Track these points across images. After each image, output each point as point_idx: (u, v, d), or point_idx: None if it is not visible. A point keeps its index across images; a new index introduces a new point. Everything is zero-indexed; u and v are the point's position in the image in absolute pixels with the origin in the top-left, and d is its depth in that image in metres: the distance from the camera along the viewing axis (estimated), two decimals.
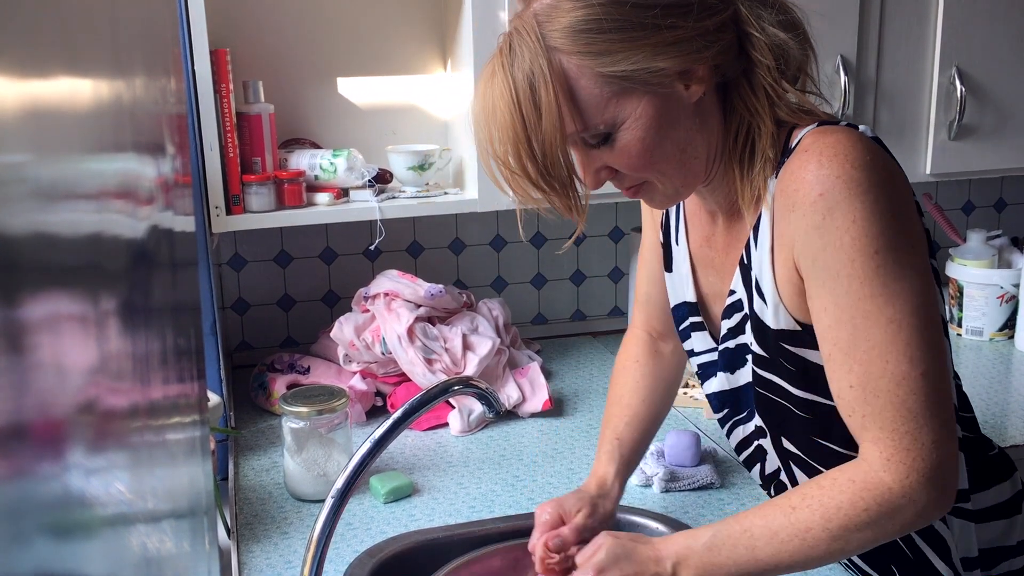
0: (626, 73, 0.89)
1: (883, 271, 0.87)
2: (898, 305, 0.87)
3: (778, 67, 0.94)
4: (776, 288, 0.96)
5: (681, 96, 0.93)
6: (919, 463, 0.88)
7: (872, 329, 0.88)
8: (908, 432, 0.88)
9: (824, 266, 0.89)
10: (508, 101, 0.90)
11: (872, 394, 0.89)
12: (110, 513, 0.38)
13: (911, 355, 0.87)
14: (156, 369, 0.52)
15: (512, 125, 0.91)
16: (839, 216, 0.87)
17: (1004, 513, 1.08)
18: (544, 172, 0.92)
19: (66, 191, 0.33)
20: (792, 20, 0.97)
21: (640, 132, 0.92)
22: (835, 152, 0.88)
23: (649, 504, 1.43)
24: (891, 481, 0.88)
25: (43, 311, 0.29)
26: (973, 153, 1.98)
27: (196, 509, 0.70)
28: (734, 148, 0.97)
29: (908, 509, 0.89)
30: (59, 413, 0.30)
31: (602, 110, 0.91)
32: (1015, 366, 2.00)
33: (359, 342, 1.76)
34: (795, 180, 0.90)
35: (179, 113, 0.77)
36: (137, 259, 0.48)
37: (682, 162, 0.96)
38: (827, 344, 0.92)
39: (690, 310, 1.15)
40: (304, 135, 1.96)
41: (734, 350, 1.06)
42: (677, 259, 1.15)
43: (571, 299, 2.25)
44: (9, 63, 0.26)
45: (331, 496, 1.06)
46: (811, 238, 0.89)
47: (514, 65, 0.91)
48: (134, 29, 0.52)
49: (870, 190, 0.87)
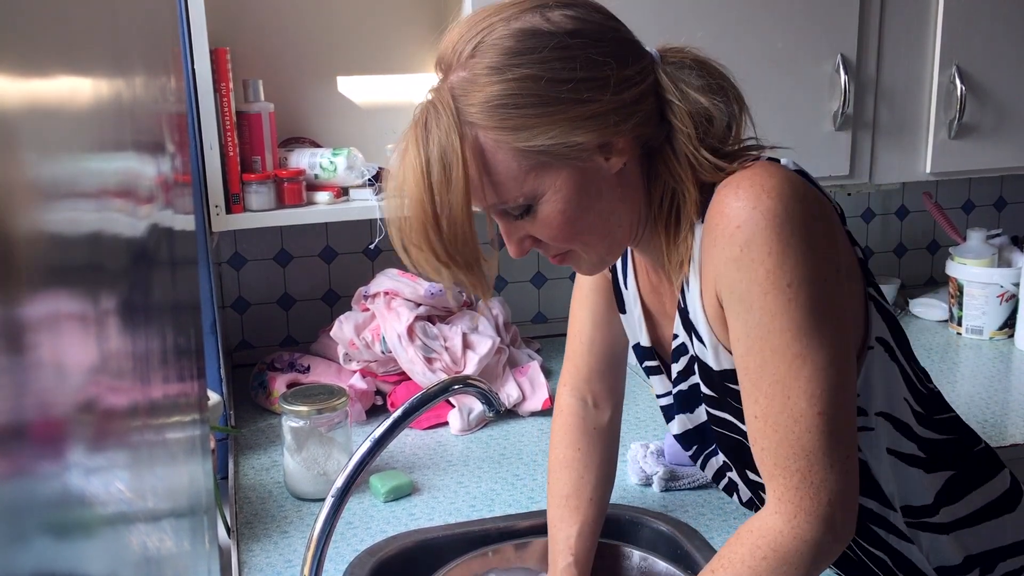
0: (543, 148, 0.89)
1: (794, 305, 0.86)
2: (805, 342, 0.87)
3: (699, 133, 0.93)
4: (710, 328, 0.96)
5: (601, 167, 0.92)
6: (806, 502, 0.88)
7: (778, 363, 0.88)
8: (798, 470, 0.88)
9: (739, 297, 0.89)
10: (419, 176, 0.89)
11: (771, 428, 0.89)
12: (110, 512, 0.38)
13: (811, 392, 0.87)
14: (156, 368, 0.52)
15: (420, 201, 0.89)
16: (755, 248, 0.87)
17: (993, 514, 1.07)
18: (450, 249, 0.91)
19: (66, 190, 0.33)
20: (714, 78, 0.96)
21: (560, 204, 0.92)
22: (751, 183, 0.88)
23: (649, 503, 1.43)
24: (781, 524, 0.89)
25: (43, 310, 0.29)
26: (973, 152, 1.98)
27: (196, 508, 0.70)
28: (659, 213, 0.97)
29: (801, 550, 0.88)
30: (59, 412, 0.30)
31: (520, 184, 0.91)
32: (1015, 365, 2.00)
33: (359, 341, 1.76)
34: (714, 215, 0.90)
35: (179, 112, 0.77)
36: (137, 258, 0.48)
37: (605, 232, 0.96)
38: (740, 372, 0.92)
39: (645, 354, 1.15)
40: (304, 134, 1.96)
41: (687, 392, 1.06)
42: (628, 302, 1.15)
43: (570, 298, 2.25)
44: (9, 62, 0.26)
45: (331, 495, 1.06)
46: (729, 270, 0.89)
47: (428, 140, 0.89)
48: (134, 28, 0.52)
49: (787, 222, 0.86)
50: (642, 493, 1.47)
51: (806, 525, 0.88)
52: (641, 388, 1.88)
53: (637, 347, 1.16)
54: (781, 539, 0.88)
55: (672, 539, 1.33)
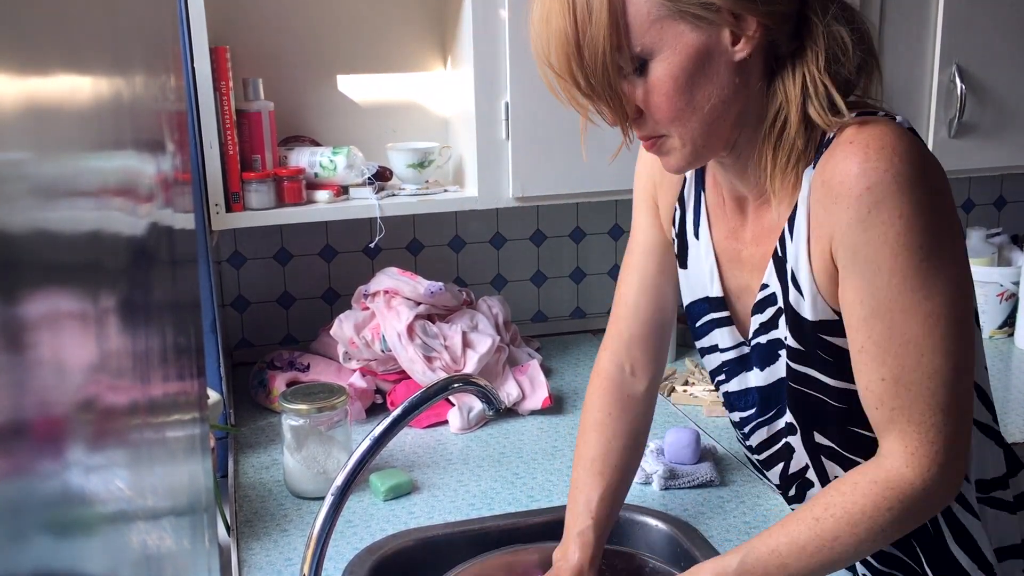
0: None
1: (925, 266, 0.88)
2: (937, 300, 0.88)
3: (828, 60, 0.93)
4: (813, 279, 0.96)
5: (725, 47, 0.92)
6: (940, 456, 0.90)
7: (910, 323, 0.89)
8: (934, 425, 0.90)
9: (866, 259, 0.89)
10: (563, 6, 0.91)
11: (904, 387, 0.90)
12: (110, 510, 0.38)
13: (946, 349, 0.89)
14: (156, 367, 0.52)
15: (564, 31, 0.91)
16: (885, 210, 0.87)
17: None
18: (592, 80, 0.92)
19: (66, 188, 0.33)
20: (859, 27, 0.96)
21: (675, 68, 0.91)
22: (881, 145, 0.88)
23: (649, 502, 1.43)
24: (913, 476, 0.91)
25: (43, 309, 0.29)
26: (973, 151, 1.98)
27: (196, 506, 0.70)
28: (770, 129, 0.96)
29: (928, 502, 0.92)
30: (59, 411, 0.30)
31: (644, 31, 0.91)
32: (1015, 364, 2.00)
33: (359, 340, 1.76)
34: (839, 172, 0.90)
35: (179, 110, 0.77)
36: (137, 257, 0.48)
37: (708, 118, 0.94)
38: (860, 335, 0.92)
39: (713, 306, 1.12)
40: (304, 132, 1.96)
41: (766, 345, 1.05)
42: (696, 254, 1.13)
43: (571, 297, 2.26)
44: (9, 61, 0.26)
45: (331, 493, 1.06)
46: (854, 231, 0.89)
47: None
48: (134, 27, 0.52)
49: (917, 185, 0.87)
50: (642, 492, 1.47)
51: (936, 477, 0.91)
52: None
53: (701, 303, 1.14)
54: (911, 490, 0.91)
55: (672, 538, 1.33)
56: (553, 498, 1.46)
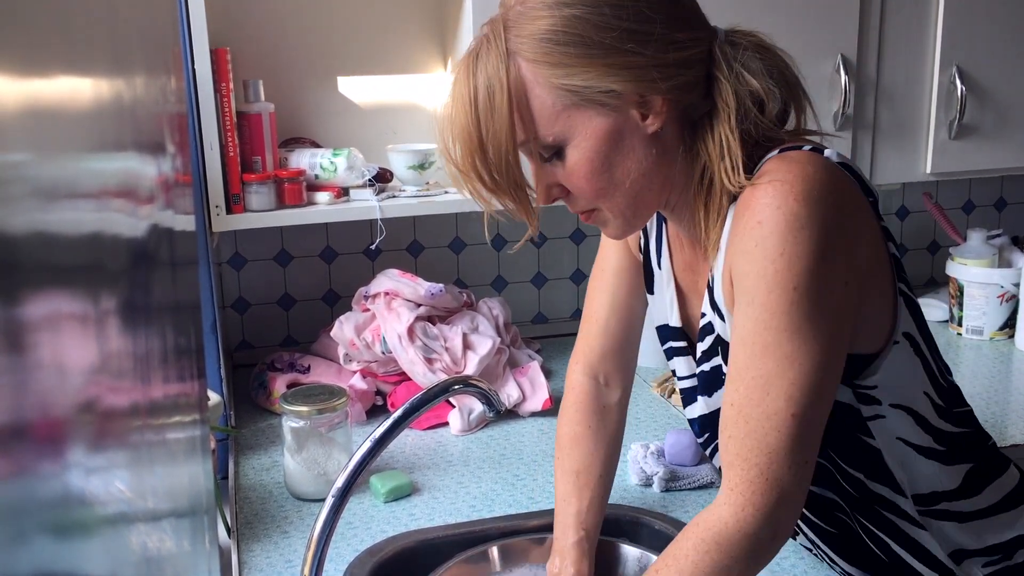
0: (579, 88, 0.91)
1: (795, 309, 0.88)
2: (796, 344, 0.88)
3: (739, 115, 0.94)
4: (727, 306, 0.98)
5: (636, 125, 0.94)
6: (756, 498, 0.89)
7: (766, 359, 0.89)
8: (757, 465, 0.89)
9: (744, 289, 0.91)
10: (466, 104, 0.93)
11: (743, 419, 0.90)
12: (110, 512, 0.38)
13: (790, 394, 0.89)
14: (156, 368, 0.52)
15: (467, 127, 0.94)
16: (769, 246, 0.88)
17: (1009, 505, 1.09)
18: (495, 175, 0.95)
19: (66, 190, 0.33)
20: (775, 66, 0.98)
21: (589, 152, 0.94)
22: (782, 181, 0.89)
23: (649, 503, 1.43)
24: (728, 515, 0.90)
25: (43, 310, 0.29)
26: (973, 152, 1.98)
27: (196, 508, 0.70)
28: (699, 187, 0.98)
29: (742, 544, 0.90)
30: (59, 412, 0.30)
31: (553, 122, 0.93)
32: (1015, 365, 2.00)
33: (359, 341, 1.76)
34: (743, 204, 0.92)
35: (179, 112, 0.77)
36: (137, 258, 0.48)
37: (631, 193, 0.97)
38: (729, 360, 0.94)
39: (673, 334, 1.15)
40: (304, 134, 1.96)
41: (710, 372, 1.07)
42: (660, 282, 1.16)
43: (571, 298, 2.25)
44: (9, 62, 0.26)
45: (331, 495, 1.06)
46: (742, 260, 0.91)
47: (477, 68, 0.93)
48: (134, 28, 0.52)
49: (805, 227, 0.87)
50: (642, 493, 1.47)
51: (751, 519, 0.90)
52: (642, 388, 1.88)
53: (664, 328, 1.16)
54: (726, 531, 0.90)
55: (672, 539, 1.33)
56: (553, 500, 1.45)
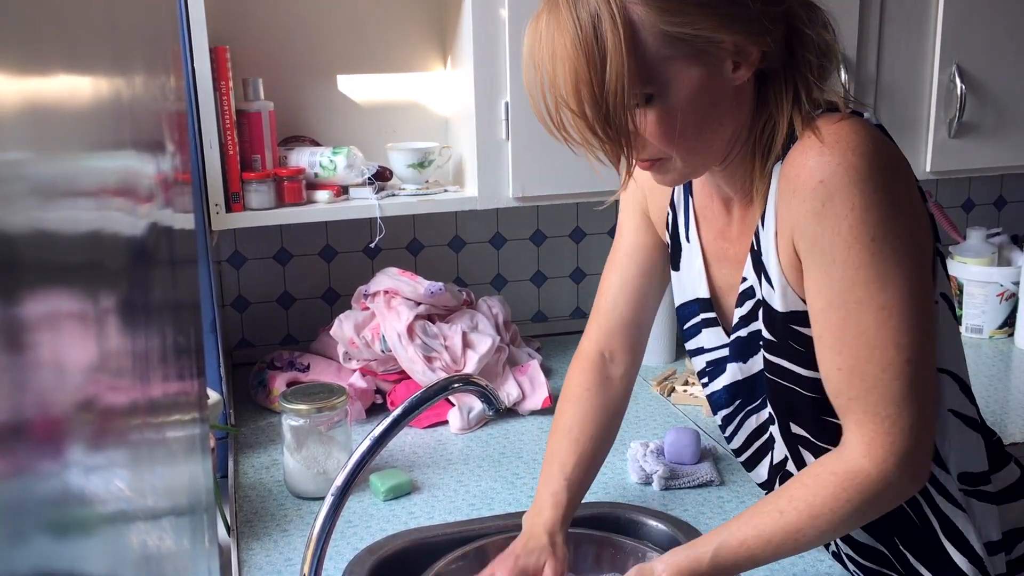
0: (688, 37, 0.90)
1: (878, 259, 0.89)
2: (890, 292, 0.89)
3: (820, 66, 0.96)
4: (781, 270, 0.98)
5: (726, 75, 0.93)
6: (896, 447, 0.91)
7: (863, 315, 0.90)
8: (888, 416, 0.91)
9: (821, 251, 0.91)
10: (574, 39, 0.89)
11: (858, 378, 0.92)
12: (110, 511, 0.38)
13: (899, 342, 0.90)
14: (156, 367, 0.52)
15: (575, 65, 0.89)
16: (838, 203, 0.89)
17: (1017, 495, 1.09)
18: (605, 116, 0.90)
19: (66, 189, 0.33)
20: (831, 24, 0.99)
21: (680, 102, 0.92)
22: (836, 139, 0.90)
23: (649, 501, 1.43)
24: (870, 466, 0.92)
25: (43, 309, 0.29)
26: (973, 151, 1.98)
27: (196, 507, 0.70)
28: (759, 139, 0.98)
29: (887, 492, 0.93)
30: (59, 411, 0.30)
31: (652, 68, 0.91)
32: (1015, 364, 2.00)
33: (359, 340, 1.76)
34: (796, 166, 0.92)
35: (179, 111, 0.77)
36: (137, 257, 0.48)
37: (709, 141, 0.96)
38: (819, 325, 0.94)
39: (702, 306, 1.14)
40: (304, 132, 1.96)
41: (747, 338, 1.07)
42: (688, 256, 1.15)
43: (571, 297, 2.25)
44: (9, 61, 0.26)
45: (331, 494, 1.06)
46: (810, 223, 0.91)
47: (577, 4, 0.89)
48: (134, 27, 0.52)
49: (869, 178, 0.88)
50: (642, 492, 1.47)
51: (894, 468, 0.92)
52: (641, 387, 1.88)
53: (691, 304, 1.16)
54: (869, 481, 0.92)
55: (672, 538, 1.33)
56: None
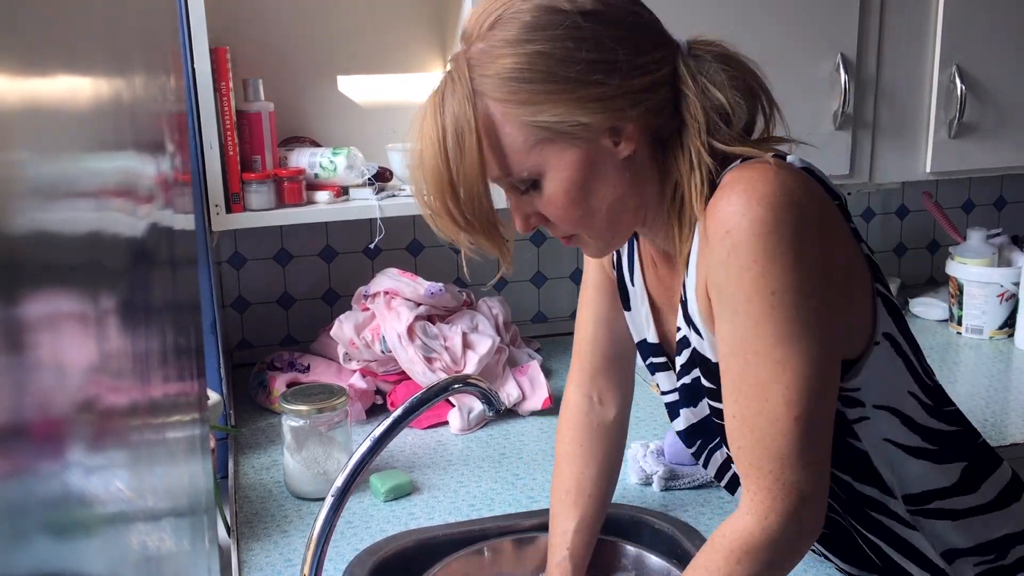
0: (549, 124, 0.91)
1: (777, 313, 0.88)
2: (786, 348, 0.88)
3: (710, 129, 0.94)
4: (704, 322, 0.98)
5: (608, 151, 0.93)
6: (778, 503, 0.90)
7: (759, 367, 0.89)
8: (771, 471, 0.90)
9: (725, 300, 0.91)
10: (435, 145, 0.93)
11: (748, 428, 0.91)
12: (110, 511, 0.38)
13: (789, 398, 0.89)
14: (156, 367, 0.52)
15: (436, 168, 0.93)
16: (741, 254, 0.88)
17: (1002, 503, 1.09)
18: (467, 215, 0.94)
19: (66, 189, 0.33)
20: (741, 74, 0.97)
21: (564, 183, 0.94)
22: (744, 189, 0.89)
23: (649, 502, 1.43)
24: (752, 524, 0.91)
25: (43, 309, 0.29)
26: (973, 151, 1.98)
27: (196, 507, 0.70)
28: (671, 204, 0.98)
29: (774, 550, 0.91)
30: (59, 411, 0.30)
31: (525, 157, 0.93)
32: (1015, 365, 2.00)
33: (359, 340, 1.76)
34: (710, 216, 0.91)
35: (179, 111, 0.77)
36: (137, 257, 0.48)
37: (609, 216, 0.97)
38: (722, 372, 0.94)
39: (652, 350, 1.15)
40: (304, 133, 1.96)
41: (691, 385, 1.07)
42: (635, 299, 1.16)
43: (571, 297, 2.25)
44: (9, 62, 0.26)
45: (331, 494, 1.06)
46: (718, 272, 0.90)
47: (444, 108, 0.93)
48: (134, 27, 0.52)
49: (774, 231, 0.87)
50: (642, 492, 1.47)
51: (776, 525, 0.90)
52: (641, 388, 1.88)
53: (643, 344, 1.17)
54: (753, 540, 0.91)
55: (672, 538, 1.33)
56: None
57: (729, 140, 0.95)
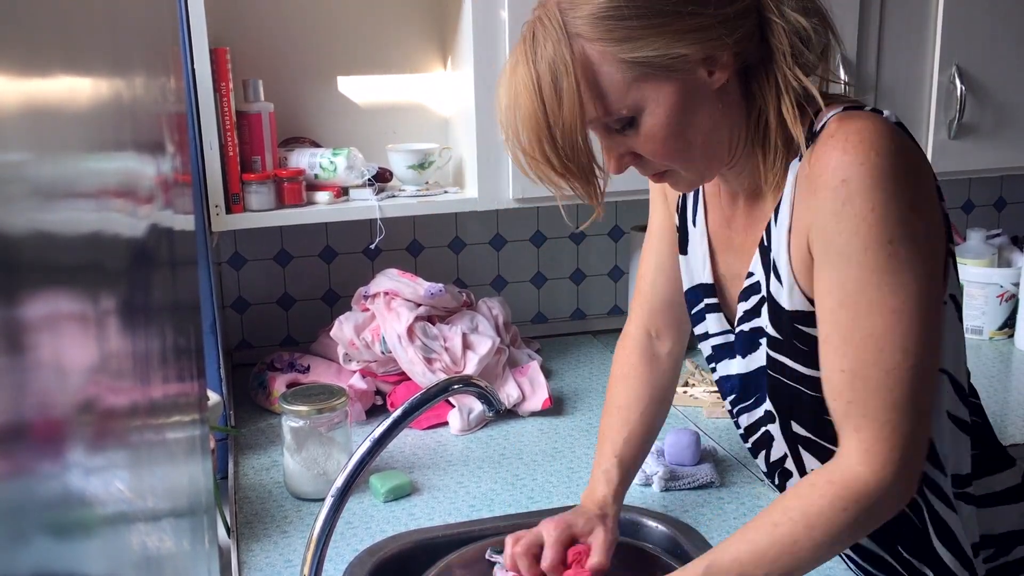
0: (648, 59, 0.91)
1: (893, 261, 0.88)
2: (902, 296, 0.89)
3: (794, 54, 0.95)
4: (791, 268, 0.97)
5: (704, 82, 0.94)
6: (894, 454, 0.90)
7: (873, 316, 0.90)
8: (888, 422, 0.90)
9: (837, 250, 0.91)
10: (530, 90, 0.92)
11: (861, 380, 0.91)
12: (110, 512, 0.38)
13: (905, 346, 0.89)
14: (156, 368, 0.52)
15: (534, 114, 0.92)
16: (859, 203, 0.88)
17: (1013, 498, 1.09)
18: (565, 159, 0.94)
19: (66, 190, 0.33)
20: (814, 6, 0.98)
21: (663, 117, 0.93)
22: (860, 139, 0.89)
23: (649, 503, 1.43)
24: (867, 474, 0.91)
25: (43, 310, 0.29)
26: (973, 152, 1.98)
27: (196, 508, 0.70)
28: (755, 133, 0.98)
29: (884, 501, 0.91)
30: (59, 412, 0.30)
31: (624, 95, 0.93)
32: (1015, 365, 2.00)
33: (359, 341, 1.76)
34: (819, 165, 0.91)
35: (179, 112, 0.77)
36: (137, 258, 0.48)
37: (705, 148, 0.97)
38: (826, 325, 0.93)
39: (706, 292, 1.15)
40: (304, 134, 1.96)
41: (749, 333, 1.07)
42: (694, 241, 1.16)
43: (571, 298, 2.25)
44: (9, 62, 0.26)
45: (331, 495, 1.06)
46: (828, 222, 0.90)
47: (536, 54, 0.92)
48: (134, 28, 0.52)
49: (892, 179, 0.88)
50: (642, 493, 1.47)
51: (892, 476, 0.90)
52: None
53: (697, 288, 1.17)
54: (866, 490, 0.91)
55: (672, 539, 1.33)
56: (553, 499, 1.45)
57: (812, 66, 0.96)
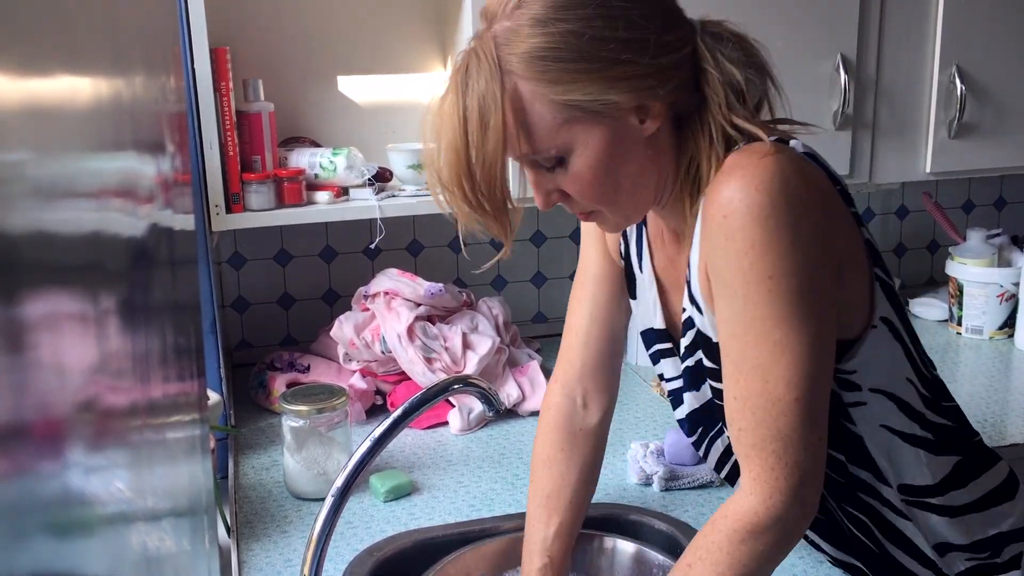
0: (579, 103, 0.91)
1: (775, 296, 0.89)
2: (785, 330, 0.89)
3: (729, 104, 0.95)
4: (707, 301, 0.98)
5: (635, 129, 0.94)
6: (780, 483, 0.91)
7: (759, 349, 0.90)
8: (773, 452, 0.91)
9: (724, 283, 0.92)
10: (456, 123, 0.92)
11: (749, 410, 0.92)
12: (110, 511, 0.38)
13: (789, 379, 0.90)
14: (156, 368, 0.52)
15: (454, 144, 0.92)
16: (739, 239, 0.89)
17: (996, 501, 1.09)
18: (480, 195, 0.94)
19: (66, 190, 0.33)
20: (750, 55, 0.99)
21: (591, 160, 0.94)
22: (743, 174, 0.90)
23: (649, 503, 1.43)
24: (756, 504, 0.92)
25: (43, 310, 0.29)
26: (973, 152, 1.98)
27: (196, 507, 0.70)
28: (685, 179, 0.99)
29: (777, 530, 0.92)
30: (59, 412, 0.30)
31: (554, 135, 0.93)
32: (1015, 365, 2.00)
33: (359, 341, 1.76)
34: (709, 200, 0.92)
35: (179, 111, 0.77)
36: (137, 258, 0.48)
37: (632, 192, 0.98)
38: (723, 354, 0.95)
39: (658, 336, 1.15)
40: (304, 133, 1.96)
41: (694, 367, 1.07)
42: (642, 286, 1.16)
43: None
44: (9, 62, 0.26)
45: (331, 495, 1.06)
46: (717, 257, 0.92)
47: (468, 86, 0.92)
48: (134, 27, 0.52)
49: (770, 216, 0.88)
50: (642, 492, 1.47)
51: (780, 504, 0.91)
52: (641, 388, 1.88)
53: (649, 332, 1.17)
54: (757, 519, 0.91)
55: (672, 538, 1.33)
56: None
57: (745, 117, 0.96)
